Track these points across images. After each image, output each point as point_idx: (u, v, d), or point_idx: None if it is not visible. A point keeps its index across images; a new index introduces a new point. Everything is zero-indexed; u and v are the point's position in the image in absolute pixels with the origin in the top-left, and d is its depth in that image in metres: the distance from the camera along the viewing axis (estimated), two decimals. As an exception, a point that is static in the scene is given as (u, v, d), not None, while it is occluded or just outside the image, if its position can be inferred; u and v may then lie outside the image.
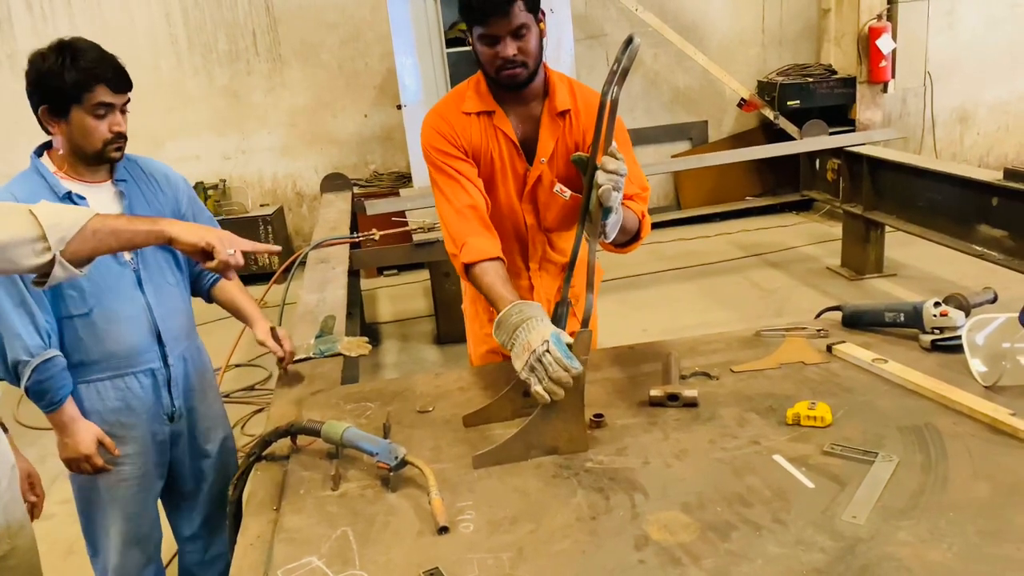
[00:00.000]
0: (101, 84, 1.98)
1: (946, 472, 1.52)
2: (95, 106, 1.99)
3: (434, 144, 2.17)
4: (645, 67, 7.41)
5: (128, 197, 2.15)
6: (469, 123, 2.17)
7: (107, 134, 2.03)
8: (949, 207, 4.71)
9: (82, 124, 2.00)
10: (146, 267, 2.19)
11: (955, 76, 7.64)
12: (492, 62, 2.07)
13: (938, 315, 2.05)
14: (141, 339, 2.17)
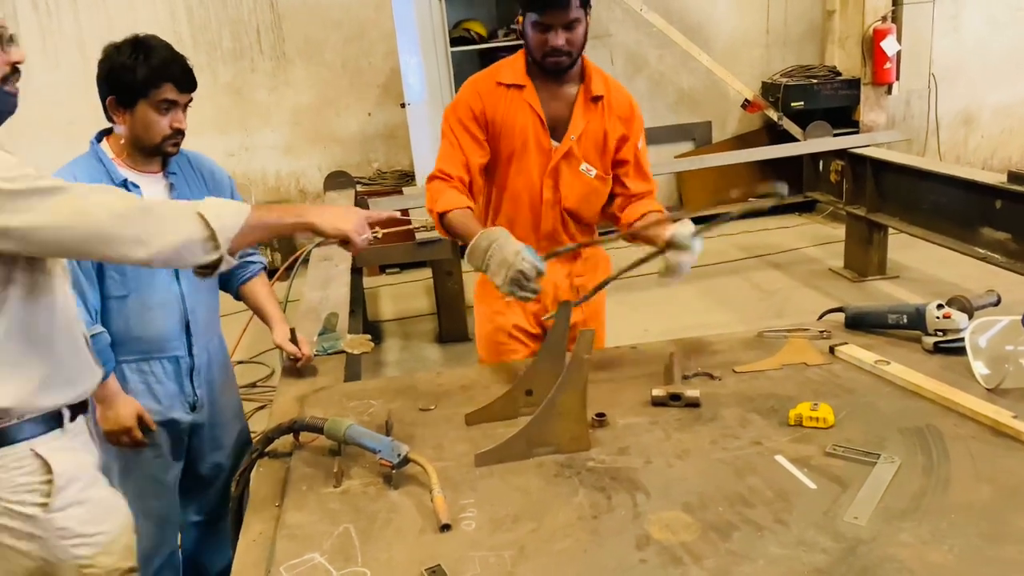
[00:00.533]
0: (169, 82, 2.08)
1: (948, 474, 1.52)
2: (160, 102, 2.09)
3: (457, 111, 2.32)
4: (650, 68, 7.40)
5: (177, 190, 2.25)
6: (499, 94, 2.31)
7: (167, 129, 2.13)
8: (952, 210, 4.71)
9: (145, 118, 2.10)
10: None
11: (959, 78, 7.62)
12: (541, 48, 2.23)
13: (941, 317, 2.05)
14: (171, 327, 2.25)
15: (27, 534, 1.62)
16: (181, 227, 1.56)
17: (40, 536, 1.62)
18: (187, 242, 1.56)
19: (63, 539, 1.64)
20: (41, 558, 1.64)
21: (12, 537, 1.62)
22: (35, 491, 1.61)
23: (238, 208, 1.64)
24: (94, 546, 1.69)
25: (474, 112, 2.30)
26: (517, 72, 2.32)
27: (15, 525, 1.61)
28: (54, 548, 1.64)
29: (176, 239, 1.56)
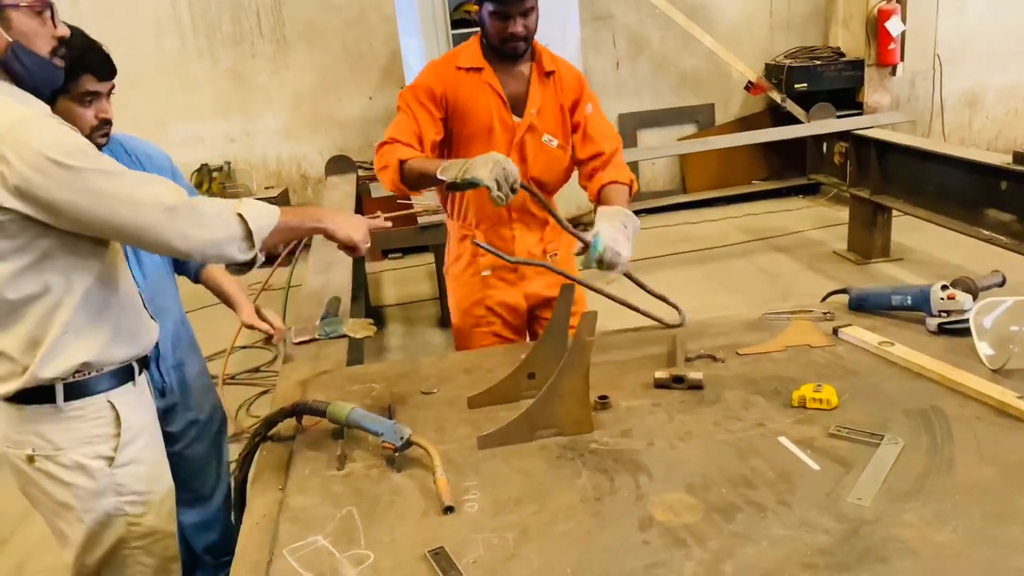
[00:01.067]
0: (87, 73, 1.99)
1: (952, 455, 1.52)
2: (81, 95, 2.00)
3: (416, 90, 2.41)
4: (652, 49, 7.36)
5: None
6: (459, 78, 2.43)
7: (93, 121, 2.05)
8: (957, 191, 4.68)
9: (69, 112, 2.01)
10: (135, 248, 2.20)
11: (964, 59, 7.57)
12: (500, 34, 2.36)
13: (945, 298, 2.04)
14: None
15: (88, 491, 1.74)
16: (223, 225, 1.65)
17: (99, 492, 1.75)
18: (228, 239, 1.65)
19: (119, 495, 1.77)
20: (94, 520, 1.76)
21: (73, 496, 1.74)
22: (106, 443, 1.74)
23: (272, 211, 1.74)
24: (144, 505, 1.82)
25: (434, 93, 2.40)
26: (474, 56, 2.45)
27: (80, 481, 1.73)
28: (109, 505, 1.76)
29: (218, 236, 1.64)
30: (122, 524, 1.79)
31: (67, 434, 1.70)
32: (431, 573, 1.29)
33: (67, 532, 1.78)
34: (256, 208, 1.71)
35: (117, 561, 1.82)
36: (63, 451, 1.71)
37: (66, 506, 1.75)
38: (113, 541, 1.79)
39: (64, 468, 1.72)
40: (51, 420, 1.68)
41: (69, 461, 1.71)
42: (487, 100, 2.43)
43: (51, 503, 1.76)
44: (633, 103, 7.40)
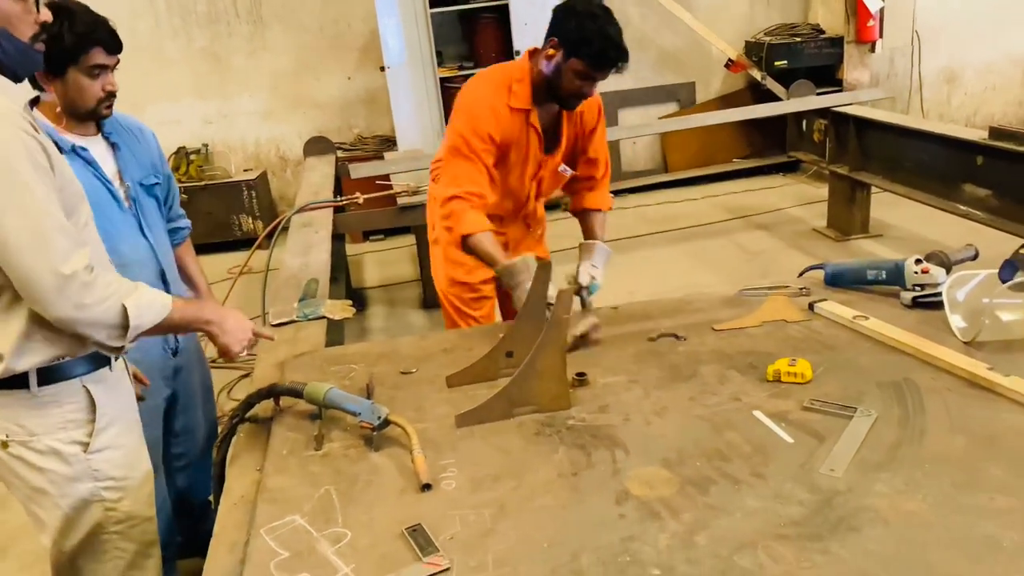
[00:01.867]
0: (97, 47, 2.08)
1: (924, 426, 1.54)
2: (91, 67, 2.09)
3: (478, 131, 2.40)
4: (632, 27, 7.31)
5: (121, 149, 2.29)
6: (511, 117, 2.46)
7: (101, 93, 2.14)
8: (935, 167, 4.71)
9: (78, 84, 2.10)
10: (143, 213, 2.32)
11: (942, 36, 7.59)
12: (573, 91, 2.38)
13: (919, 272, 2.06)
14: (150, 279, 2.29)
15: (63, 477, 1.73)
16: (104, 312, 1.60)
17: (75, 478, 1.74)
18: (101, 326, 1.61)
19: (95, 480, 1.77)
20: (70, 506, 1.76)
21: (48, 481, 1.73)
22: (81, 428, 1.73)
23: (160, 307, 1.70)
24: (121, 490, 1.81)
25: (493, 138, 2.42)
26: (524, 97, 2.46)
27: (54, 467, 1.72)
28: (85, 490, 1.76)
29: (93, 318, 1.59)
30: (99, 509, 1.79)
31: (41, 420, 1.69)
32: (408, 550, 1.30)
33: (43, 517, 1.77)
34: (145, 302, 1.67)
35: (95, 547, 1.81)
36: (37, 437, 1.70)
37: (41, 491, 1.74)
38: (90, 526, 1.79)
39: (38, 454, 1.71)
40: (25, 406, 1.67)
41: (43, 447, 1.70)
42: (527, 138, 2.50)
43: (27, 488, 1.75)
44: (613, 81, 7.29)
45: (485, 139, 2.40)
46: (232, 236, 6.63)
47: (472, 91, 2.50)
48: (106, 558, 1.83)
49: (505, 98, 2.44)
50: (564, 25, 2.33)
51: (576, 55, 2.29)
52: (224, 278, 5.45)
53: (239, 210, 6.67)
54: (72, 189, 1.66)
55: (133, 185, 2.31)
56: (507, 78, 2.47)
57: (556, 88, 2.39)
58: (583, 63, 2.30)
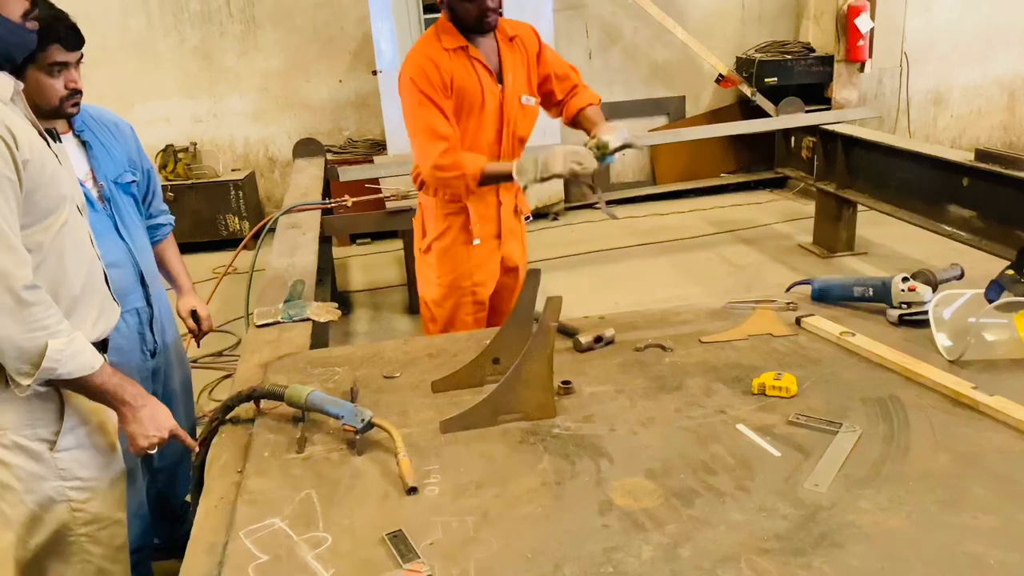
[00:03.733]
0: (55, 44, 1.99)
1: (908, 443, 1.54)
2: (50, 65, 2.00)
3: (422, 77, 2.50)
4: (624, 40, 7.36)
5: (92, 147, 2.24)
6: (449, 59, 2.54)
7: (63, 91, 2.06)
8: (921, 187, 4.75)
9: (38, 83, 2.01)
10: (119, 213, 2.29)
11: (931, 58, 7.68)
12: (477, 12, 2.49)
13: (906, 290, 2.07)
14: (128, 281, 2.29)
15: (29, 473, 1.70)
16: (25, 339, 1.53)
17: (41, 475, 1.70)
18: (17, 355, 1.54)
19: (62, 480, 1.73)
20: (36, 503, 1.72)
21: (14, 476, 1.69)
22: (48, 427, 1.70)
23: (88, 365, 1.63)
24: (88, 491, 1.78)
25: (444, 81, 2.52)
26: (454, 36, 2.57)
27: (20, 462, 1.69)
28: (51, 489, 1.72)
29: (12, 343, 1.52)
30: (65, 509, 1.75)
31: (8, 415, 1.66)
32: (389, 556, 1.29)
33: (8, 513, 1.73)
34: (71, 352, 1.59)
35: (61, 548, 1.78)
36: (3, 431, 1.66)
37: (6, 486, 1.71)
38: (56, 526, 1.75)
39: (4, 448, 1.67)
40: None
41: (9, 442, 1.67)
42: (475, 75, 2.58)
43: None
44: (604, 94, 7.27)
45: (436, 85, 2.50)
46: (218, 236, 6.59)
47: (409, 57, 2.60)
48: (73, 560, 1.79)
49: (437, 44, 2.56)
50: None
51: None
52: (209, 277, 5.41)
53: (226, 210, 6.64)
54: (51, 191, 1.61)
55: (107, 184, 2.27)
56: (433, 33, 2.61)
57: (464, 19, 2.53)
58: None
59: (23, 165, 1.52)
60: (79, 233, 1.73)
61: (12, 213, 1.51)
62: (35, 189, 1.56)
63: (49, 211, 1.60)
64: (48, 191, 1.60)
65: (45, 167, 1.59)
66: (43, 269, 1.60)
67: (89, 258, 1.76)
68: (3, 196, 1.49)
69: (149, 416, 1.76)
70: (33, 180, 1.55)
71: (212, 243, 6.52)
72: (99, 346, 1.80)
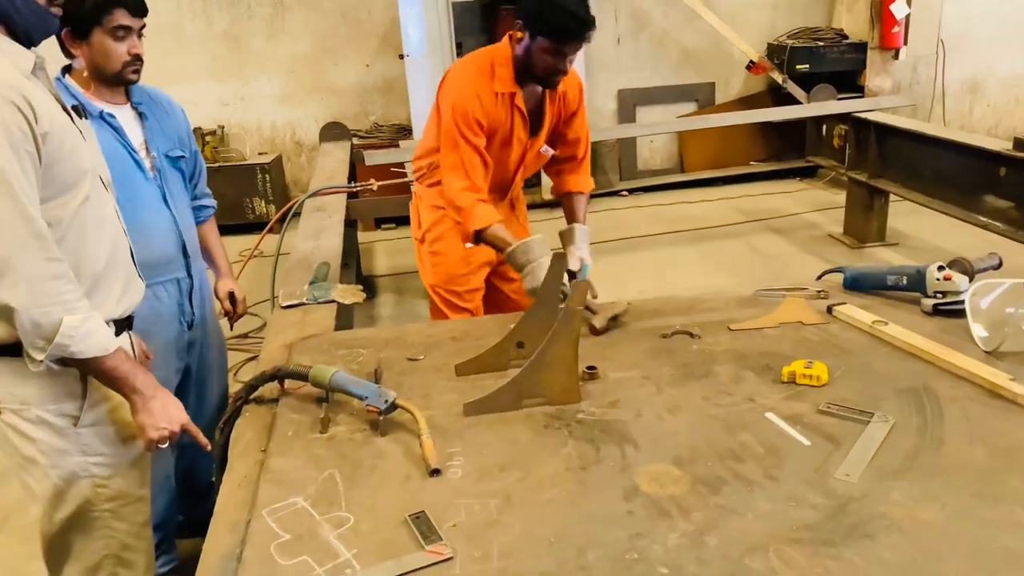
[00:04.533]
0: (120, 8, 2.09)
1: (942, 435, 1.50)
2: (115, 29, 2.10)
3: (467, 118, 2.43)
4: (654, 25, 7.27)
5: (148, 119, 2.30)
6: (496, 101, 2.49)
7: (126, 56, 2.14)
8: (956, 176, 4.65)
9: (103, 46, 2.11)
10: (167, 184, 2.33)
11: (968, 45, 7.51)
12: (548, 70, 2.40)
13: (942, 279, 2.02)
14: (171, 250, 2.34)
15: (53, 448, 1.71)
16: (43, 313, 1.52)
17: (65, 450, 1.71)
18: (33, 327, 1.53)
19: (85, 455, 1.74)
20: (60, 477, 1.73)
21: (39, 451, 1.71)
22: (72, 402, 1.70)
23: (102, 347, 1.61)
24: (111, 468, 1.78)
25: (480, 123, 2.47)
26: (507, 81, 2.49)
27: (44, 437, 1.70)
28: (75, 464, 1.73)
29: (29, 316, 1.51)
30: (88, 485, 1.76)
31: (33, 389, 1.66)
32: (411, 537, 1.28)
33: (34, 487, 1.75)
34: (87, 330, 1.57)
35: (86, 523, 1.79)
36: (28, 406, 1.67)
37: (32, 461, 1.72)
38: (80, 501, 1.76)
39: (29, 423, 1.68)
40: (19, 374, 1.63)
41: (34, 416, 1.68)
42: (511, 122, 2.54)
43: (18, 457, 1.73)
44: (633, 79, 7.32)
45: (473, 126, 2.44)
46: (244, 219, 6.62)
47: (457, 78, 2.52)
48: (97, 535, 1.80)
49: (489, 83, 2.48)
50: (526, 5, 2.38)
51: (539, 32, 2.34)
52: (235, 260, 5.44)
53: (252, 193, 6.67)
54: (71, 165, 1.60)
55: (159, 156, 2.31)
56: (489, 62, 2.50)
57: (532, 68, 2.42)
58: (547, 39, 2.33)
59: (42, 138, 1.51)
60: (103, 209, 1.72)
61: (32, 186, 1.51)
62: (54, 163, 1.55)
63: (69, 186, 1.60)
64: (67, 165, 1.59)
65: (65, 141, 1.58)
66: (64, 244, 1.59)
67: (114, 234, 1.75)
68: (23, 171, 1.49)
69: (160, 407, 1.72)
70: (52, 154, 1.54)
71: (238, 226, 6.55)
72: (123, 323, 1.81)
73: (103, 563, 1.83)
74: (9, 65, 1.51)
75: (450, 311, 2.81)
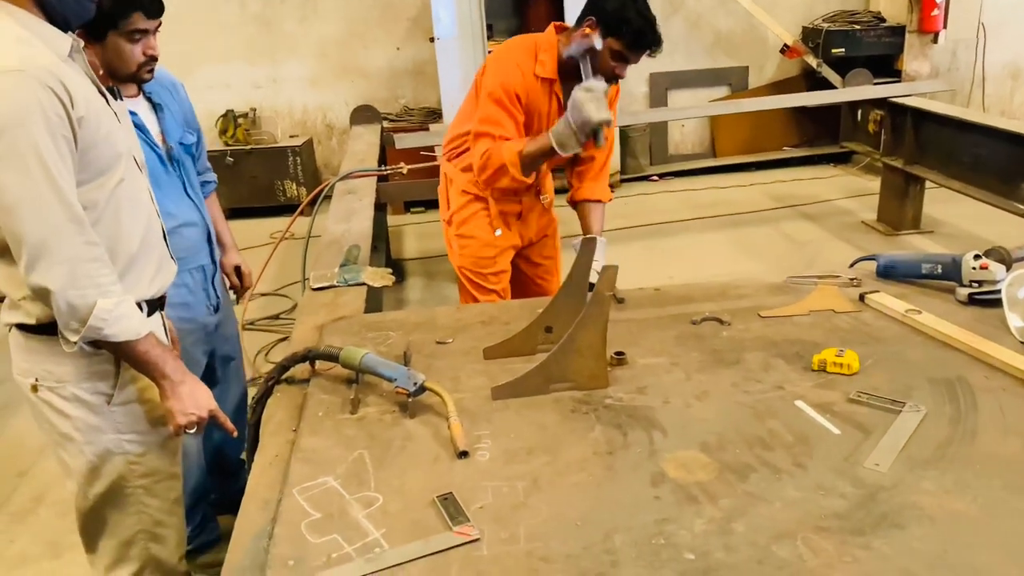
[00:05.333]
0: (137, 11, 2.05)
1: (975, 425, 1.49)
2: (131, 32, 2.07)
3: (508, 88, 2.49)
4: (687, 8, 7.19)
5: (162, 108, 2.31)
6: (537, 84, 2.54)
7: (141, 57, 2.12)
8: (995, 163, 4.56)
9: (118, 48, 2.08)
10: (187, 175, 2.37)
11: (1010, 29, 7.32)
12: (608, 71, 2.42)
13: (977, 268, 1.99)
14: (199, 239, 2.39)
15: (88, 425, 1.74)
16: (78, 295, 1.54)
17: (99, 427, 1.75)
18: (69, 309, 1.55)
19: (119, 432, 1.78)
20: (95, 454, 1.77)
21: (74, 428, 1.75)
22: (106, 380, 1.73)
23: (135, 331, 1.63)
24: (144, 445, 1.82)
25: (520, 98, 2.52)
26: (550, 68, 2.53)
27: (79, 414, 1.74)
28: (109, 441, 1.77)
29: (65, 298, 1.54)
30: (122, 461, 1.80)
31: (68, 367, 1.70)
32: (438, 517, 1.29)
33: (69, 463, 1.80)
34: (119, 314, 1.59)
35: (119, 499, 1.83)
36: (64, 384, 1.71)
37: (68, 437, 1.76)
38: (114, 477, 1.80)
39: (65, 400, 1.72)
40: (55, 352, 1.67)
41: (69, 394, 1.72)
42: (549, 106, 2.57)
43: (55, 434, 1.77)
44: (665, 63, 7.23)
45: (512, 96, 2.49)
46: (275, 201, 6.69)
47: (503, 53, 2.58)
48: (130, 511, 1.85)
49: (532, 64, 2.52)
50: (603, 5, 2.39)
51: (615, 34, 2.37)
52: (266, 242, 5.50)
53: (284, 175, 6.72)
54: (106, 149, 1.62)
55: (175, 146, 2.33)
56: (535, 47, 2.55)
57: (588, 67, 2.41)
58: (621, 43, 2.37)
59: (78, 123, 1.54)
60: (137, 191, 1.74)
61: (69, 171, 1.54)
62: (90, 147, 1.57)
63: (104, 169, 1.62)
64: (103, 149, 1.61)
65: (101, 125, 1.60)
66: (99, 227, 1.62)
67: (147, 215, 1.78)
68: (60, 155, 1.51)
69: (189, 393, 1.74)
70: (88, 138, 1.56)
71: (270, 208, 6.61)
72: (156, 303, 1.84)
73: (136, 538, 1.87)
74: (46, 49, 1.54)
75: (478, 293, 2.83)
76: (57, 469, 1.89)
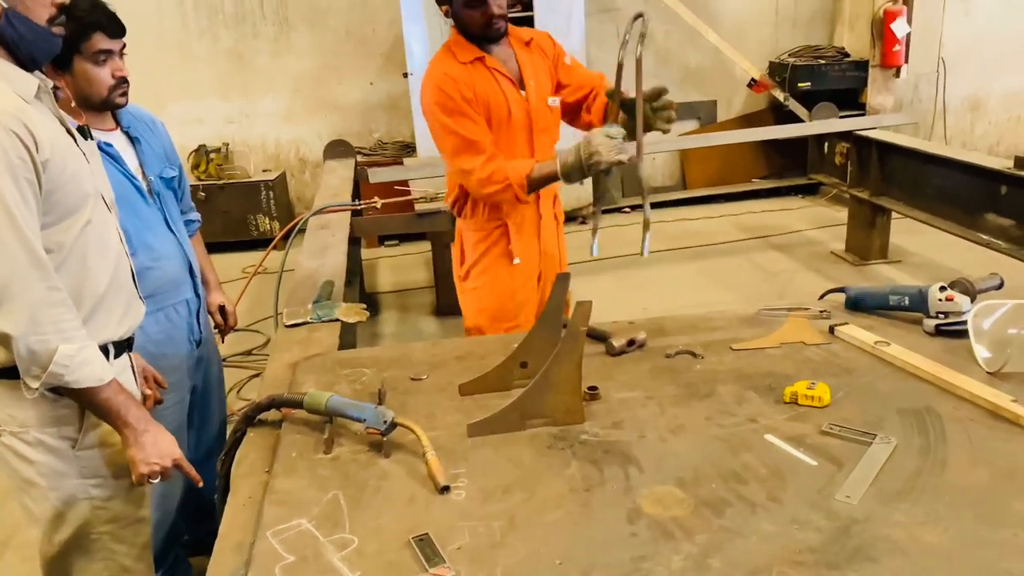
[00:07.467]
0: (97, 32, 2.05)
1: (945, 456, 1.51)
2: (95, 54, 2.06)
3: (443, 95, 2.46)
4: (656, 44, 7.32)
5: (140, 142, 2.30)
6: (469, 73, 2.50)
7: (111, 80, 2.12)
8: (957, 195, 4.67)
9: (86, 73, 2.08)
10: (167, 206, 2.35)
11: (969, 63, 7.55)
12: (484, 19, 2.46)
13: (943, 299, 2.03)
14: (180, 273, 2.36)
15: (52, 470, 1.70)
16: (40, 341, 1.53)
17: (64, 472, 1.71)
18: (30, 355, 1.53)
19: (84, 477, 1.74)
20: (60, 499, 1.73)
21: (38, 473, 1.71)
22: (71, 424, 1.70)
23: (98, 378, 1.61)
24: (111, 489, 1.78)
25: (464, 97, 2.47)
26: (468, 50, 2.53)
27: (44, 459, 1.70)
28: (74, 486, 1.73)
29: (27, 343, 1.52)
30: (87, 506, 1.76)
31: (32, 412, 1.67)
32: (415, 559, 1.28)
33: (33, 509, 1.76)
34: (82, 359, 1.58)
35: (86, 545, 1.78)
36: (27, 429, 1.68)
37: (31, 483, 1.72)
38: (79, 522, 1.76)
39: (28, 445, 1.69)
40: (19, 397, 1.63)
41: (33, 439, 1.68)
42: (497, 85, 2.54)
43: (19, 479, 1.73)
44: (635, 97, 7.36)
45: (459, 103, 2.47)
46: (248, 236, 6.65)
47: (426, 79, 2.56)
48: (97, 557, 1.80)
49: (453, 62, 2.52)
50: None
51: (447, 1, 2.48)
52: (239, 277, 5.46)
53: (256, 210, 6.70)
54: (73, 189, 1.60)
55: (155, 179, 2.32)
56: (446, 49, 2.58)
57: (471, 27, 2.50)
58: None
59: (43, 166, 1.52)
60: (105, 231, 1.72)
61: (32, 215, 1.52)
62: (55, 189, 1.56)
63: (71, 210, 1.60)
64: (69, 189, 1.59)
65: (67, 166, 1.58)
66: (64, 269, 1.60)
67: (116, 255, 1.76)
68: (23, 199, 1.49)
69: (152, 441, 1.70)
70: (53, 180, 1.55)
71: (243, 243, 6.58)
72: (124, 344, 1.81)
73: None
74: (10, 92, 1.52)
75: None
76: (20, 515, 1.84)
